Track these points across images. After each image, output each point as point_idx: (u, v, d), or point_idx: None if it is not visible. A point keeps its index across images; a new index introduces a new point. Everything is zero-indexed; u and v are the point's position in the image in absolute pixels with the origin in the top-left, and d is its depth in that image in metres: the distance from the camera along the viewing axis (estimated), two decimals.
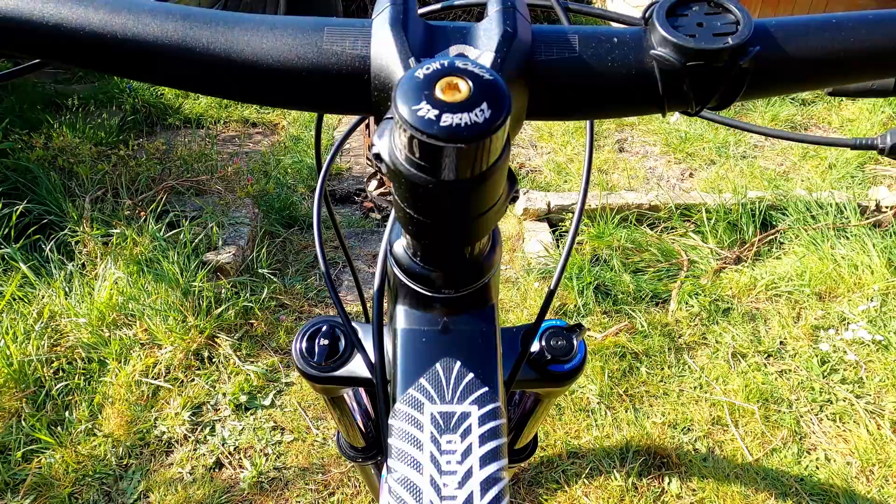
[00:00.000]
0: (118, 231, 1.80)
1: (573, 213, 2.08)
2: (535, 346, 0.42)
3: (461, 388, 0.31)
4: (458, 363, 0.31)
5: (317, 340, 0.43)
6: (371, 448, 0.63)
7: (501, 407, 0.31)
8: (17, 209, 1.86)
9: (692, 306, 1.77)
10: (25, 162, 2.08)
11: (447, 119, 0.22)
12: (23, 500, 1.28)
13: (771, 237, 2.05)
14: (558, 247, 2.00)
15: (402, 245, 0.32)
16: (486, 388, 0.31)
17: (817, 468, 1.36)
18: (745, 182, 2.38)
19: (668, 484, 1.33)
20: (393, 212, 0.31)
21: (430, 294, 0.32)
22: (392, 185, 0.26)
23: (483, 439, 0.29)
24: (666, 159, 2.78)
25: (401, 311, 0.34)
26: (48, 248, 1.80)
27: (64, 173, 2.13)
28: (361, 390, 0.57)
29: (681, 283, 1.85)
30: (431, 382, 0.31)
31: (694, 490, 1.32)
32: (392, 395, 0.32)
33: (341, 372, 0.43)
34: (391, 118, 0.24)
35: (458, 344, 0.32)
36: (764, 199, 2.12)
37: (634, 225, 2.09)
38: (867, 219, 2.04)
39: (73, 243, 1.85)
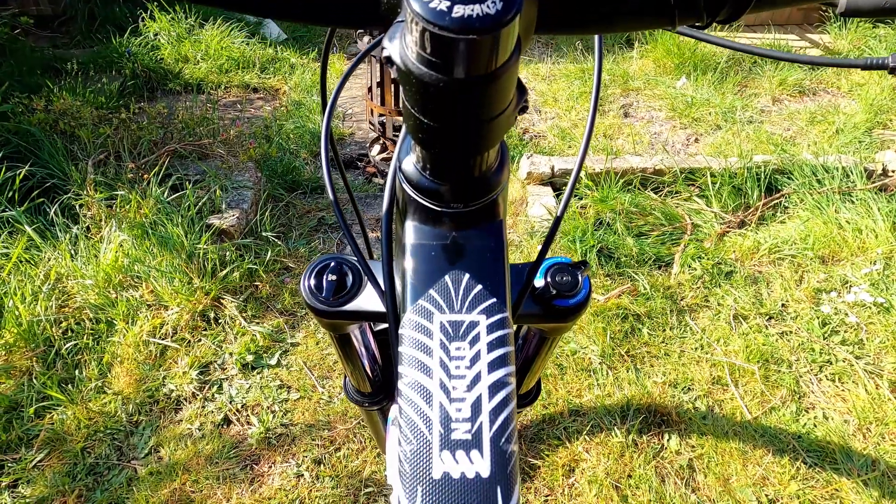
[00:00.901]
0: (122, 194, 1.81)
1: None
2: (540, 282, 0.43)
3: (470, 298, 0.31)
4: (467, 275, 0.32)
5: (325, 276, 0.43)
6: (377, 393, 0.64)
7: (509, 317, 0.31)
8: (21, 172, 1.86)
9: (695, 269, 1.78)
10: (27, 125, 2.07)
11: (459, 10, 0.22)
12: (37, 454, 1.31)
13: (775, 201, 2.05)
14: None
15: (411, 161, 0.33)
16: (494, 300, 0.31)
17: (815, 426, 1.38)
18: (751, 147, 2.36)
19: (668, 441, 1.35)
20: (403, 129, 0.31)
21: (439, 209, 0.32)
22: (403, 91, 0.26)
23: (491, 346, 0.30)
24: (671, 124, 2.75)
25: (410, 227, 0.34)
26: (52, 211, 1.80)
27: (66, 137, 2.12)
28: (370, 335, 0.58)
29: (684, 246, 1.85)
30: (441, 293, 0.31)
31: (693, 447, 1.34)
32: (402, 306, 0.33)
33: (349, 307, 0.43)
34: (402, 21, 0.24)
35: (467, 257, 0.32)
36: (769, 163, 2.11)
37: (638, 189, 2.08)
38: (873, 183, 2.03)
39: (77, 207, 1.85)
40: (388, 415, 0.71)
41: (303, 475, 1.27)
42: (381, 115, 2.28)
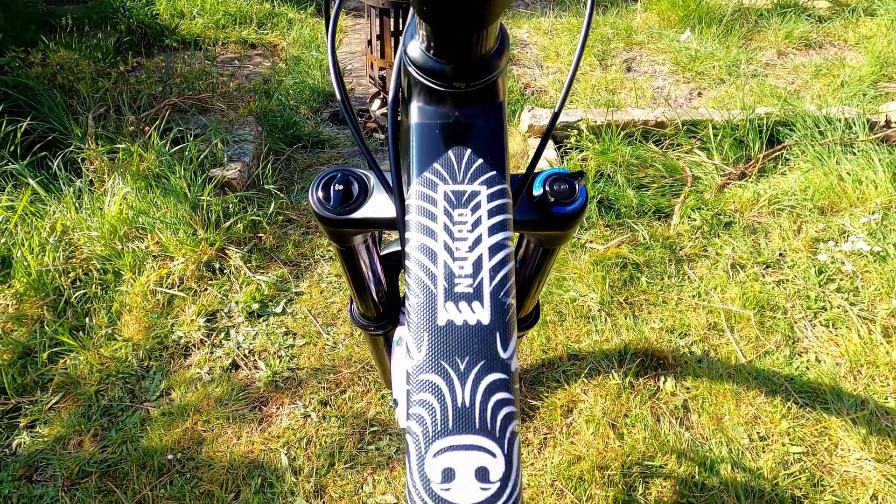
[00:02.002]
0: (123, 147, 1.81)
1: (578, 129, 2.06)
2: (538, 191, 0.44)
3: (471, 170, 0.33)
4: (469, 150, 0.33)
5: (332, 187, 0.45)
6: (382, 318, 0.67)
7: (507, 188, 0.33)
8: (22, 126, 1.86)
9: (694, 220, 1.79)
10: (25, 79, 2.05)
11: None
12: (52, 397, 1.35)
13: (777, 153, 2.04)
14: (563, 163, 2.00)
15: (416, 45, 0.34)
16: (494, 172, 0.33)
17: (808, 369, 1.42)
18: (755, 100, 2.34)
19: (664, 383, 1.39)
20: (409, 12, 0.32)
21: (442, 89, 0.34)
22: None
23: (491, 213, 0.32)
24: (675, 78, 2.72)
25: (415, 107, 0.35)
26: (55, 165, 1.81)
27: (64, 91, 2.11)
28: (377, 259, 0.60)
29: (684, 197, 1.86)
30: (444, 166, 0.33)
31: (688, 388, 1.38)
32: (408, 181, 0.34)
33: (356, 215, 0.45)
34: None
35: (469, 133, 0.34)
36: (772, 115, 2.10)
37: (640, 142, 2.08)
38: (875, 134, 2.02)
39: (79, 160, 1.86)
40: (391, 340, 0.74)
41: (310, 416, 1.32)
42: (381, 68, 2.26)
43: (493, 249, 0.31)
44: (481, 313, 0.30)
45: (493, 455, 0.29)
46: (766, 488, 1.19)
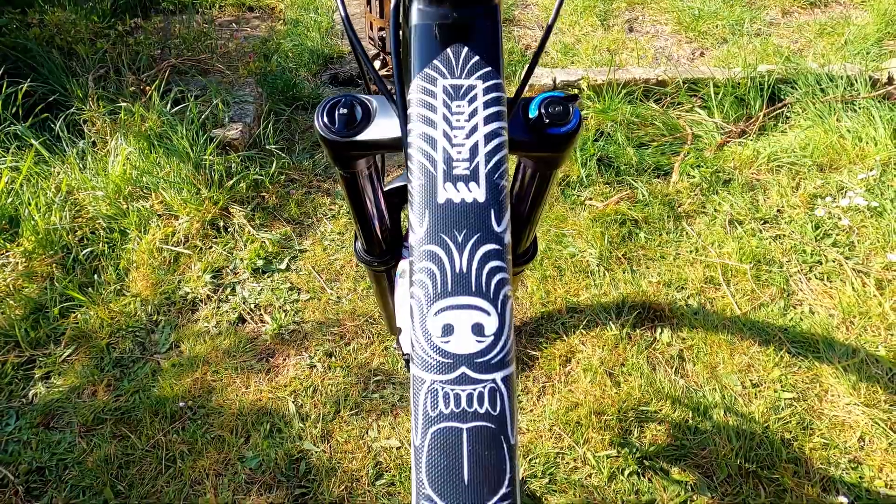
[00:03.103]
0: (124, 107, 1.82)
1: (579, 88, 2.06)
2: (534, 113, 0.46)
3: (469, 66, 0.35)
4: (466, 48, 0.36)
5: (336, 111, 0.47)
6: (385, 254, 0.69)
7: (502, 83, 0.35)
8: (22, 87, 1.86)
9: (693, 177, 1.81)
10: (24, 40, 2.05)
11: None
12: (65, 350, 1.39)
13: (777, 111, 2.04)
14: None
15: None
16: (490, 68, 0.35)
17: (801, 320, 1.45)
18: (757, 59, 2.33)
19: (660, 334, 1.42)
20: None
21: None
22: None
23: (486, 105, 0.34)
24: (677, 38, 2.70)
25: (415, 10, 0.37)
26: (57, 126, 1.82)
27: (63, 53, 2.10)
28: (380, 194, 0.62)
29: (684, 155, 1.87)
30: (443, 63, 0.35)
31: (684, 339, 1.42)
32: (409, 78, 0.37)
33: (360, 137, 0.47)
34: None
35: (467, 32, 0.36)
36: (773, 72, 2.09)
37: (640, 101, 2.07)
38: (877, 91, 2.02)
39: (81, 121, 1.86)
40: (393, 277, 0.76)
41: (315, 366, 1.36)
42: (380, 28, 2.24)
43: (488, 137, 0.33)
44: (477, 192, 0.33)
45: (488, 314, 0.33)
46: (756, 431, 1.23)
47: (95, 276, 1.54)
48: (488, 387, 0.31)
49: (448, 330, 0.32)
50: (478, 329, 0.32)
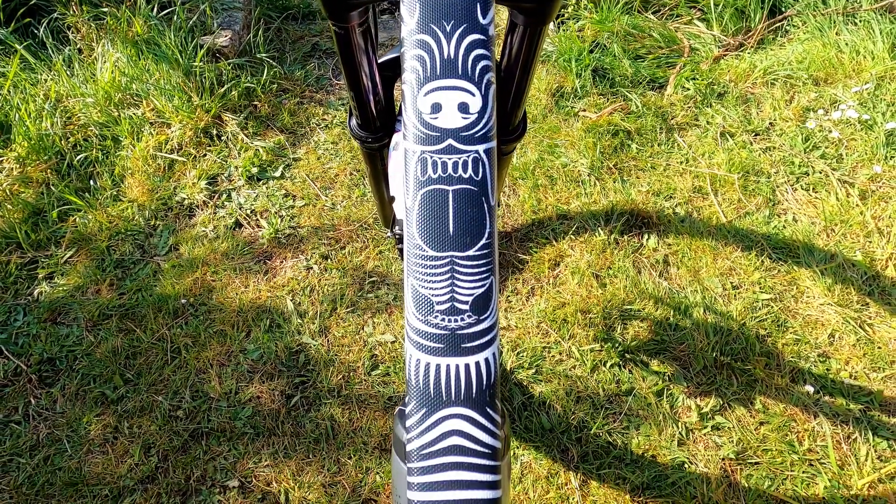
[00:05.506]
0: (109, 11, 1.77)
1: None
2: None
3: None
4: None
5: None
6: (379, 131, 0.71)
7: None
8: None
9: (688, 90, 1.80)
10: None
11: None
12: (66, 251, 1.42)
13: (777, 24, 2.01)
14: (559, 31, 1.96)
15: None
16: None
17: (784, 227, 1.49)
18: None
19: (647, 240, 1.47)
20: None
21: None
22: None
23: None
24: None
25: None
26: (41, 32, 1.78)
27: None
28: (375, 69, 0.63)
29: (680, 67, 1.86)
30: None
31: (670, 244, 1.46)
32: None
33: None
34: None
35: None
36: None
37: (638, 12, 2.03)
38: (880, 2, 1.98)
39: (65, 27, 1.82)
40: (387, 154, 0.79)
41: (312, 268, 1.40)
42: None
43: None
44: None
45: (472, 94, 0.36)
46: (733, 328, 1.30)
47: (91, 181, 1.55)
48: (472, 156, 0.35)
49: (436, 108, 0.36)
50: (463, 107, 0.36)
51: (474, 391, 0.33)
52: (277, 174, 1.59)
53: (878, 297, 1.34)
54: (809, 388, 1.21)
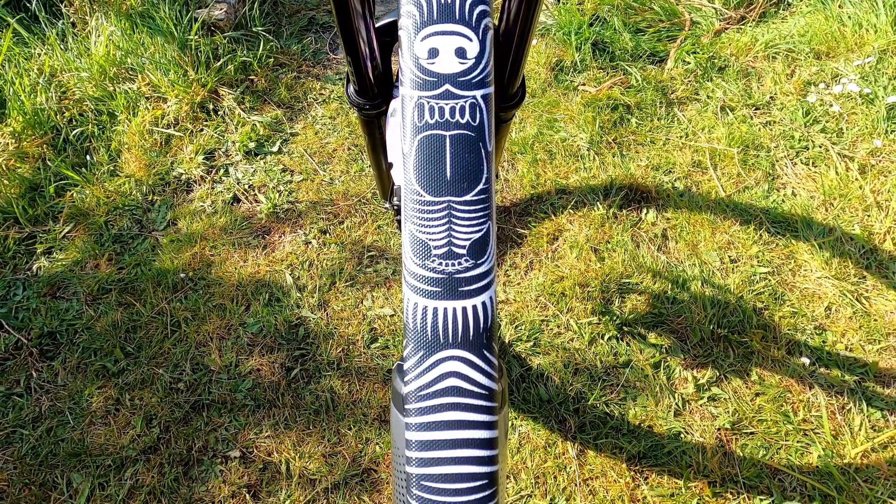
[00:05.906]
0: None
1: None
2: None
3: None
4: None
5: None
6: (376, 97, 0.71)
7: None
8: None
9: (688, 63, 1.78)
10: None
11: None
12: (64, 226, 1.42)
13: None
14: (559, 4, 1.94)
15: None
16: None
17: (783, 201, 1.49)
18: None
19: (646, 214, 1.47)
20: None
21: None
22: None
23: None
24: None
25: None
26: (34, 5, 1.75)
27: None
28: (373, 35, 0.62)
29: (681, 41, 1.84)
30: None
31: (668, 219, 1.46)
32: None
33: None
34: None
35: None
36: None
37: None
38: None
39: (58, 1, 1.79)
40: (384, 122, 0.78)
41: (310, 242, 1.40)
42: None
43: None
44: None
45: (470, 39, 0.35)
46: (731, 301, 1.30)
47: (87, 156, 1.54)
48: (469, 102, 0.35)
49: (433, 53, 0.35)
50: (460, 52, 0.35)
51: (472, 334, 0.33)
52: (275, 149, 1.58)
53: (875, 271, 1.34)
54: (805, 360, 1.22)
